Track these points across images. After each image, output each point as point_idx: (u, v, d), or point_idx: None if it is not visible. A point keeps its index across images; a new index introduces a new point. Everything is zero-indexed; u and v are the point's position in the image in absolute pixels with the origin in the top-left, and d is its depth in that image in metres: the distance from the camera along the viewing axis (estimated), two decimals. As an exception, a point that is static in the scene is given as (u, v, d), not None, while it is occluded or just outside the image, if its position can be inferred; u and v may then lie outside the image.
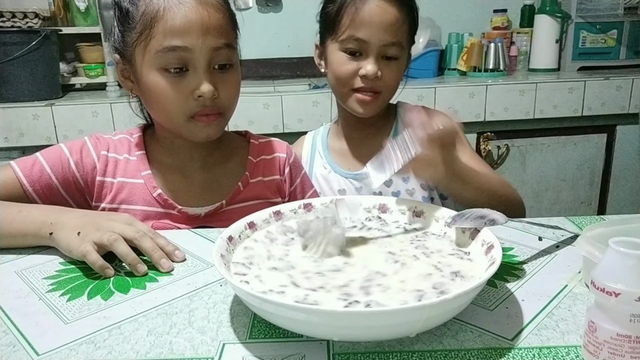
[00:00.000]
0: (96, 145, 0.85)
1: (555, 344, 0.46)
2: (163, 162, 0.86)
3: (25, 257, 0.70)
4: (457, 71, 2.17)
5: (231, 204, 0.86)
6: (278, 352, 0.46)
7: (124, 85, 0.83)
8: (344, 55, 0.93)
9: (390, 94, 0.98)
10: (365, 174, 0.97)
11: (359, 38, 0.90)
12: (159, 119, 0.84)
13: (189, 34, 0.74)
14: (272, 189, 0.91)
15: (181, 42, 0.73)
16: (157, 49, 0.74)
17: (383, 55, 0.92)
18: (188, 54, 0.74)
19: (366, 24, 0.90)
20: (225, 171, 0.89)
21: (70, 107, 1.75)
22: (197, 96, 0.76)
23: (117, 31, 0.79)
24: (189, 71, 0.76)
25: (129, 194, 0.83)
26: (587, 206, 2.05)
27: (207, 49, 0.75)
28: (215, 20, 0.76)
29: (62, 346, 0.48)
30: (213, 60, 0.77)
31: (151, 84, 0.76)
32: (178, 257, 0.66)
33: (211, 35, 0.75)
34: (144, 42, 0.75)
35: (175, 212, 0.83)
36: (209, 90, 0.76)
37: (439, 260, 0.56)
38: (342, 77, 0.94)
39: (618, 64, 2.18)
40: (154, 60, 0.75)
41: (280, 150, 0.94)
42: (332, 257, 0.57)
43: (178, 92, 0.76)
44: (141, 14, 0.74)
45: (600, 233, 0.56)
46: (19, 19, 1.81)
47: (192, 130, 0.79)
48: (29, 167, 0.79)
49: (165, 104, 0.77)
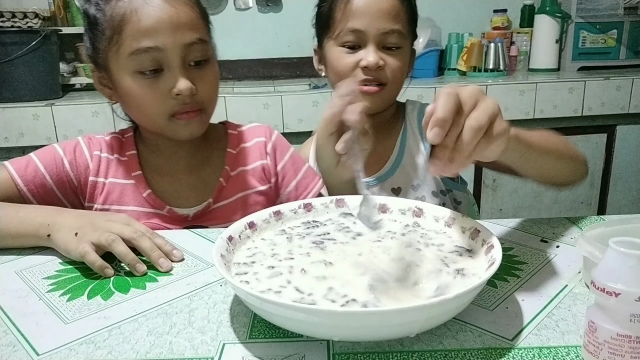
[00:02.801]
0: (89, 145, 0.85)
1: (555, 344, 0.46)
2: (151, 162, 0.86)
3: (25, 257, 0.70)
4: (457, 71, 2.17)
5: (218, 202, 0.86)
6: (278, 352, 0.46)
7: (103, 92, 0.82)
8: (342, 50, 0.89)
9: (397, 86, 0.92)
10: (371, 181, 0.95)
11: (355, 29, 0.87)
12: (140, 122, 0.84)
13: (158, 33, 0.73)
14: (257, 176, 0.89)
15: (152, 42, 0.72)
16: (128, 52, 0.73)
17: (383, 44, 0.88)
18: (160, 53, 0.73)
19: (360, 13, 0.86)
20: (209, 168, 0.88)
21: (70, 107, 1.75)
22: (175, 95, 0.75)
23: (88, 39, 0.79)
24: (164, 71, 0.75)
25: (120, 195, 0.83)
26: (587, 206, 2.05)
27: (179, 46, 0.74)
28: (184, 16, 0.75)
29: (62, 346, 0.48)
30: (187, 57, 0.76)
31: (127, 88, 0.76)
32: (176, 257, 0.66)
33: (182, 31, 0.74)
34: (115, 47, 0.74)
35: (165, 212, 0.83)
36: (187, 87, 0.75)
37: (445, 255, 0.56)
38: (342, 71, 0.90)
39: (618, 64, 2.18)
40: (127, 64, 0.74)
41: (260, 133, 0.92)
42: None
43: (155, 93, 0.75)
44: (108, 19, 0.74)
45: (600, 233, 0.56)
46: (19, 19, 1.81)
47: (175, 129, 0.79)
48: (23, 167, 0.79)
49: (144, 107, 0.77)
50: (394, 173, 0.96)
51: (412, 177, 0.96)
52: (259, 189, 0.88)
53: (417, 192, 0.96)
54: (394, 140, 0.98)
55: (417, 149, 0.96)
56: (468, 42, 2.13)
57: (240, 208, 0.86)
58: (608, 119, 1.97)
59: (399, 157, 0.97)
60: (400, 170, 0.96)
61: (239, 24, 2.31)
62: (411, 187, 0.95)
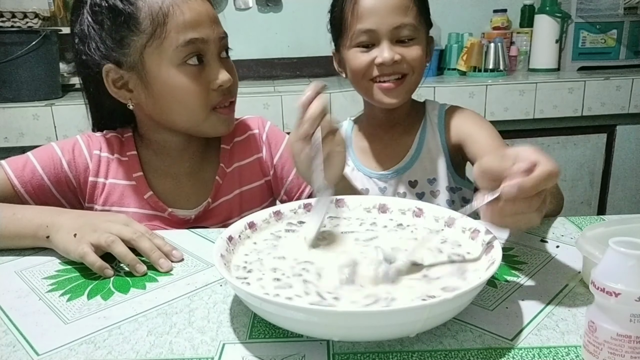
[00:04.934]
0: (89, 145, 0.84)
1: (555, 344, 0.46)
2: (152, 164, 0.85)
3: (25, 257, 0.70)
4: (457, 71, 2.17)
5: (216, 200, 0.86)
6: (278, 352, 0.46)
7: (119, 95, 0.78)
8: (357, 50, 0.91)
9: (418, 77, 0.93)
10: (390, 174, 0.97)
11: (367, 29, 0.88)
12: (178, 117, 0.79)
13: (201, 25, 0.75)
14: (253, 170, 0.89)
15: (197, 34, 0.75)
16: (175, 45, 0.74)
17: (397, 39, 0.89)
18: (205, 45, 0.76)
19: (369, 12, 0.88)
20: (206, 167, 0.87)
21: (70, 107, 1.75)
22: (217, 86, 0.77)
23: (110, 40, 0.75)
24: (203, 63, 0.77)
25: (120, 196, 0.83)
26: (587, 206, 2.05)
27: (216, 38, 0.77)
28: (213, 12, 0.78)
29: (62, 346, 0.48)
30: (220, 50, 0.79)
31: (172, 82, 0.75)
32: (176, 257, 0.66)
33: (217, 25, 0.78)
34: (157, 41, 0.74)
35: (166, 215, 0.83)
36: (228, 78, 0.78)
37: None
38: (359, 69, 0.91)
39: (618, 64, 2.18)
40: (173, 57, 0.74)
41: (253, 126, 0.92)
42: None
43: (199, 85, 0.77)
44: (147, 15, 0.73)
45: (600, 233, 0.56)
46: (19, 19, 1.81)
47: (215, 123, 0.80)
48: (21, 168, 0.78)
49: (188, 100, 0.77)
50: (412, 166, 0.98)
51: (429, 171, 0.98)
52: (257, 184, 0.88)
53: (432, 186, 0.97)
54: (413, 135, 0.99)
55: (436, 145, 0.98)
56: (468, 42, 2.13)
57: (239, 204, 0.86)
58: (608, 119, 1.97)
59: (417, 152, 0.98)
60: (417, 163, 0.98)
61: (239, 24, 2.31)
62: (427, 180, 0.97)
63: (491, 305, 0.53)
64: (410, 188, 0.97)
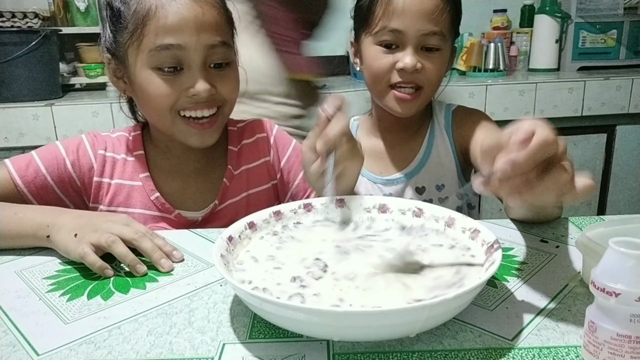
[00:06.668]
0: (93, 144, 0.83)
1: (555, 344, 0.46)
2: (159, 164, 0.85)
3: (25, 257, 0.70)
4: (457, 71, 2.17)
5: (223, 202, 0.85)
6: (278, 352, 0.46)
7: (116, 85, 0.82)
8: (379, 49, 0.87)
9: (432, 91, 0.90)
10: (396, 179, 0.94)
11: (394, 29, 0.84)
12: (151, 119, 0.82)
13: (182, 31, 0.72)
14: (261, 174, 0.88)
15: (174, 40, 0.72)
16: (149, 47, 0.73)
17: (422, 46, 0.85)
18: (182, 52, 0.73)
19: (400, 12, 0.83)
20: (214, 169, 0.87)
21: (70, 107, 1.75)
22: (191, 94, 0.75)
23: (109, 31, 0.78)
24: (183, 70, 0.74)
25: (127, 196, 0.82)
26: (587, 206, 2.05)
27: (201, 46, 0.74)
28: (210, 18, 0.74)
29: (62, 346, 0.48)
30: (209, 59, 0.75)
31: (144, 83, 0.75)
32: (176, 257, 0.66)
33: (206, 32, 0.74)
34: (136, 41, 0.73)
35: (172, 216, 0.82)
36: (205, 89, 0.74)
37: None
38: (378, 72, 0.87)
39: (618, 64, 2.18)
40: (147, 60, 0.74)
41: (260, 129, 0.90)
42: None
43: (169, 88, 0.74)
44: (133, 13, 0.73)
45: (600, 233, 0.56)
46: (19, 19, 1.81)
47: (184, 133, 0.78)
48: (24, 168, 0.78)
49: (156, 101, 0.76)
50: (420, 172, 0.95)
51: (437, 177, 0.95)
52: (264, 187, 0.88)
53: (440, 192, 0.94)
54: (421, 139, 0.96)
55: (445, 149, 0.95)
56: (468, 42, 2.13)
57: (245, 207, 0.86)
58: (608, 119, 1.97)
59: (426, 156, 0.95)
60: (425, 169, 0.95)
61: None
62: (435, 187, 0.94)
63: (491, 305, 0.53)
64: (418, 195, 0.94)
